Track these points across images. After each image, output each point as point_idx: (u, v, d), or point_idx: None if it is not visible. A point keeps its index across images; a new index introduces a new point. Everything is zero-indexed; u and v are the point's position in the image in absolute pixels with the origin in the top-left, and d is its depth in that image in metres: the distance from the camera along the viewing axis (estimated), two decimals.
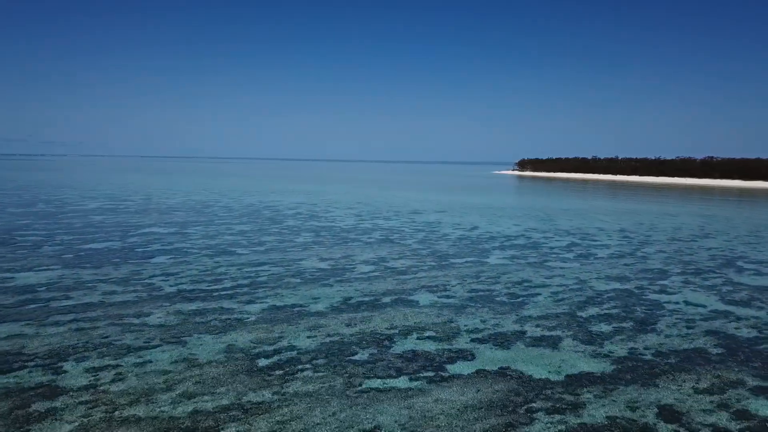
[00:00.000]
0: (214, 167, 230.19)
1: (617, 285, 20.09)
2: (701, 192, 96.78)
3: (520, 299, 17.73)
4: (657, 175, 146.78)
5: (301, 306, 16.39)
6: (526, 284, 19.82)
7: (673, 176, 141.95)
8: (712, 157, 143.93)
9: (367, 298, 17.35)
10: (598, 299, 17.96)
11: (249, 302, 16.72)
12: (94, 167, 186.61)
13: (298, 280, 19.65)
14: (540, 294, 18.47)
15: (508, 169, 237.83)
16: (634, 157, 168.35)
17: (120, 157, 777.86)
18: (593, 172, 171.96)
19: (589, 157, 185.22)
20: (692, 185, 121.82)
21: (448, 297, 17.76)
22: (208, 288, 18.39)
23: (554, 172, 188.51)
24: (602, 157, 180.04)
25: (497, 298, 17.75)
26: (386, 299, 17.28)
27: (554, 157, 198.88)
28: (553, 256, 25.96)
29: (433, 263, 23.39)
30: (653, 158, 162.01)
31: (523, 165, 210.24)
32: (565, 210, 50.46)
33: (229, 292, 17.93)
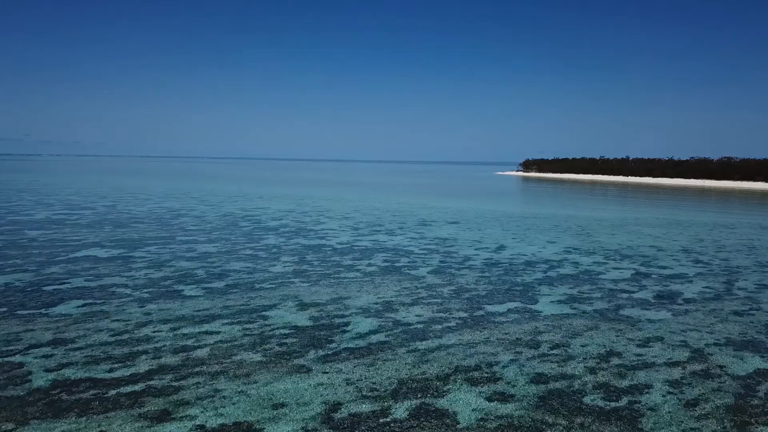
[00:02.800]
0: (210, 168, 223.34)
1: (759, 362, 12.86)
2: (729, 195, 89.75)
3: (625, 402, 10.52)
4: (672, 177, 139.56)
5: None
6: (616, 362, 12.59)
7: (689, 178, 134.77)
8: (730, 158, 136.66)
9: (367, 405, 10.13)
10: (755, 400, 10.74)
11: (160, 418, 9.50)
12: (81, 168, 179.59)
13: (258, 357, 12.42)
14: (651, 387, 11.25)
15: (510, 170, 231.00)
16: (646, 158, 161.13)
17: (118, 157, 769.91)
18: (603, 173, 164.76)
19: (597, 158, 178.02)
20: (714, 188, 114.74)
21: (503, 399, 10.53)
22: (105, 377, 11.17)
23: (561, 173, 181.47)
24: (611, 158, 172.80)
25: (586, 401, 10.54)
26: (400, 408, 10.05)
27: (560, 158, 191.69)
28: (624, 296, 18.75)
29: (462, 314, 16.17)
30: (666, 158, 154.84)
31: (527, 166, 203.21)
32: (599, 220, 43.24)
33: (135, 387, 10.70)
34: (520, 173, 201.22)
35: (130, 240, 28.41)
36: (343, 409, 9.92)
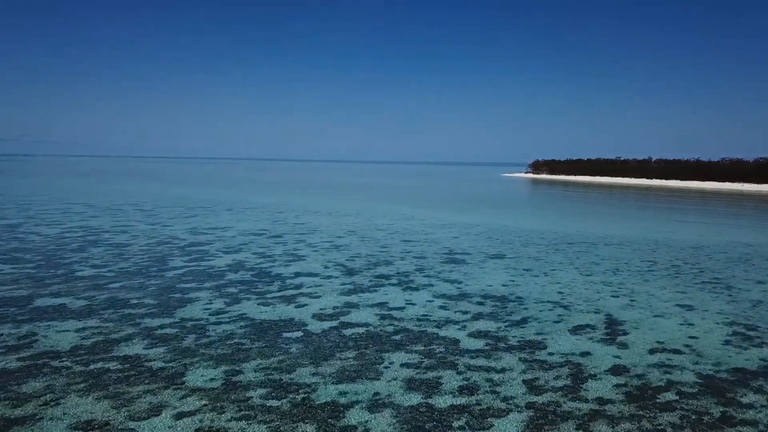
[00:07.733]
0: (205, 169, 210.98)
1: None
2: None
3: None
4: (702, 180, 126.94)
5: None
6: None
7: (722, 181, 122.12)
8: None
9: None
10: None
11: None
12: (59, 170, 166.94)
13: None
14: None
15: (517, 171, 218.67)
16: (671, 159, 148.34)
17: (113, 157, 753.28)
18: (621, 175, 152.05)
19: (614, 158, 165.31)
20: (754, 192, 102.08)
21: None
22: None
23: (573, 174, 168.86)
24: (630, 158, 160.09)
25: None
26: None
27: (573, 158, 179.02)
28: None
29: None
30: (692, 160, 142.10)
31: (537, 167, 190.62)
32: (700, 248, 30.45)
33: None
34: (530, 175, 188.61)
35: None
36: None
